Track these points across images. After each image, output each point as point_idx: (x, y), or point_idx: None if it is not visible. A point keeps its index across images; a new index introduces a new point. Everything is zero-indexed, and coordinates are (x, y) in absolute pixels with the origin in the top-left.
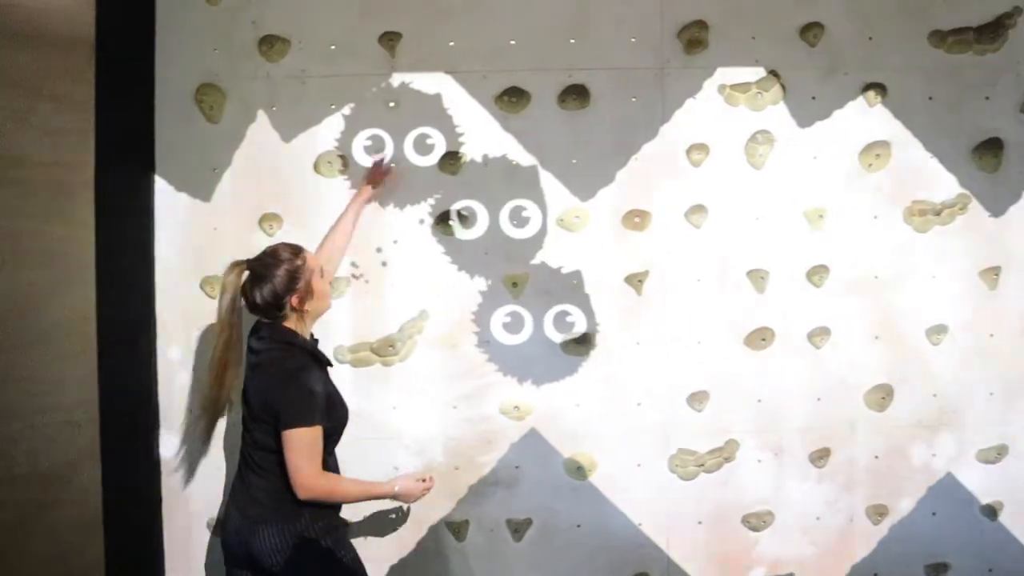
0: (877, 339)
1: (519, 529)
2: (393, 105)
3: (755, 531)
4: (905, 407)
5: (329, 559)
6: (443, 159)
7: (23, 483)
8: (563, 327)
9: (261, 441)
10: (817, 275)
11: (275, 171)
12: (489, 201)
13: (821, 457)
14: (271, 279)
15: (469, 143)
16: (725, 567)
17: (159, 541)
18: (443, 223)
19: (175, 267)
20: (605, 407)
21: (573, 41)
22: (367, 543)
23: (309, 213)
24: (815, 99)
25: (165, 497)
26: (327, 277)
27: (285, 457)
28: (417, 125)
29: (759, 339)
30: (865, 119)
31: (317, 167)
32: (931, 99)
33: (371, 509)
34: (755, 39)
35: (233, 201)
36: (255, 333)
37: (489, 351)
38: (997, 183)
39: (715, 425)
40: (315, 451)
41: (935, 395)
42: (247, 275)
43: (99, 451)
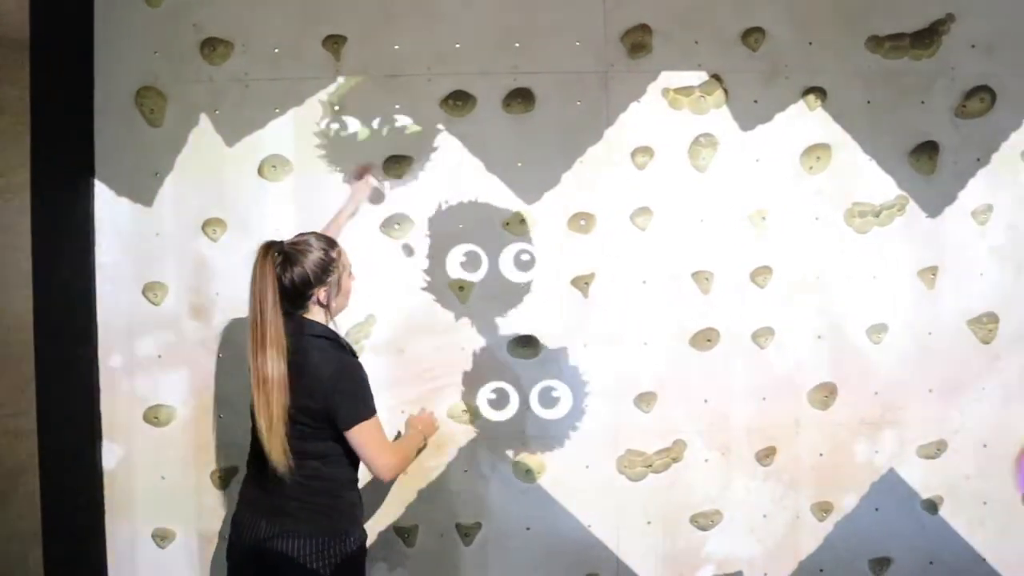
0: (820, 339)
1: (469, 533)
2: (338, 109)
3: (703, 530)
4: (848, 405)
5: (354, 571)
6: (389, 161)
7: None
8: (510, 330)
9: (302, 448)
10: (761, 276)
11: (219, 175)
12: (435, 205)
13: (767, 456)
14: (303, 264)
15: (414, 147)
16: (675, 567)
17: (102, 551)
18: (388, 225)
19: (116, 274)
20: (553, 409)
21: (518, 45)
22: None
23: (254, 218)
24: (757, 103)
25: (108, 507)
26: (352, 279)
27: (360, 453)
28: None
29: (705, 340)
30: (805, 122)
31: (262, 171)
32: (869, 103)
33: None
34: (698, 43)
35: (176, 206)
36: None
37: (438, 355)
38: (933, 185)
39: (662, 426)
40: (383, 436)
41: (877, 393)
42: (279, 258)
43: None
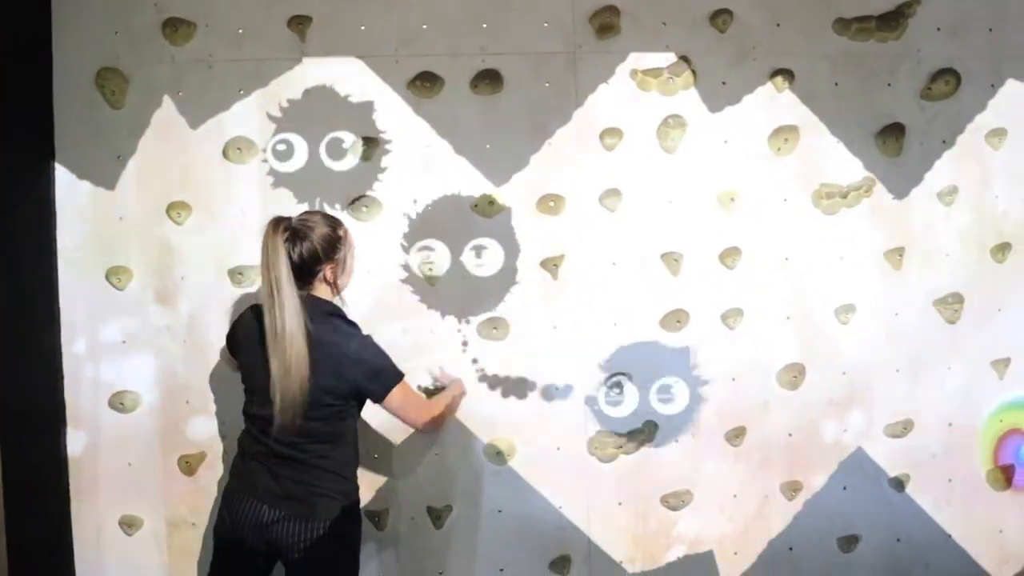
0: (788, 319)
1: (440, 516)
2: (303, 91)
3: (674, 511)
4: (816, 385)
5: (352, 555)
6: (355, 145)
7: None
8: (480, 313)
9: (309, 429)
10: (729, 257)
11: (182, 158)
12: (403, 187)
13: (737, 436)
14: (312, 240)
15: (382, 128)
16: (646, 547)
17: (69, 539)
18: (356, 208)
19: (79, 258)
20: (523, 391)
21: (485, 25)
22: None
23: (219, 200)
24: (725, 84)
25: (74, 494)
26: (354, 260)
27: (400, 416)
28: (328, 111)
29: (674, 321)
30: (774, 104)
31: (226, 153)
32: (836, 85)
33: None
34: (666, 25)
35: (139, 189)
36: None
37: (406, 338)
38: (899, 167)
39: (633, 407)
40: (416, 393)
41: (845, 373)
42: (287, 234)
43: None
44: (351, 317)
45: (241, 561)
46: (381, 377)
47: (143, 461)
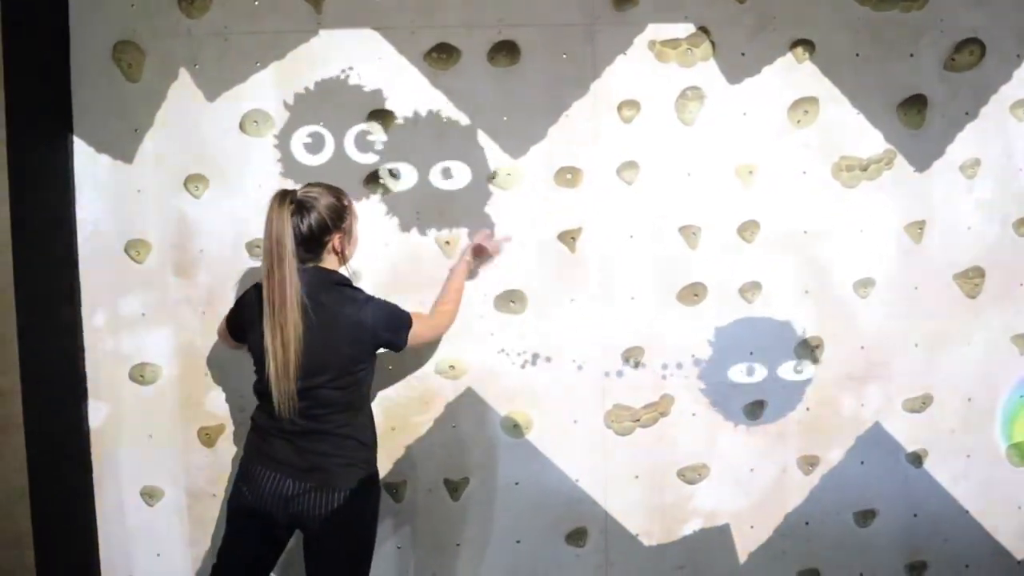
0: (807, 293)
1: (457, 488)
2: (320, 62)
3: (690, 484)
4: (834, 359)
5: (369, 524)
6: (371, 116)
7: None
8: (497, 285)
9: (330, 400)
10: (748, 230)
11: (199, 131)
12: (420, 160)
13: (754, 410)
14: (319, 210)
15: (398, 101)
16: (662, 520)
17: (91, 510)
18: (373, 182)
19: (98, 231)
20: (540, 364)
21: None
22: None
23: (235, 174)
24: (744, 55)
25: (95, 466)
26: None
27: (425, 342)
28: (344, 82)
29: (692, 294)
30: (793, 75)
31: (243, 126)
32: (858, 55)
33: None
34: None
35: (156, 162)
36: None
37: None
38: (921, 139)
39: (650, 380)
40: (425, 316)
41: (863, 347)
42: (293, 207)
43: (23, 421)
44: (364, 288)
45: (261, 534)
46: (397, 327)
47: (163, 433)
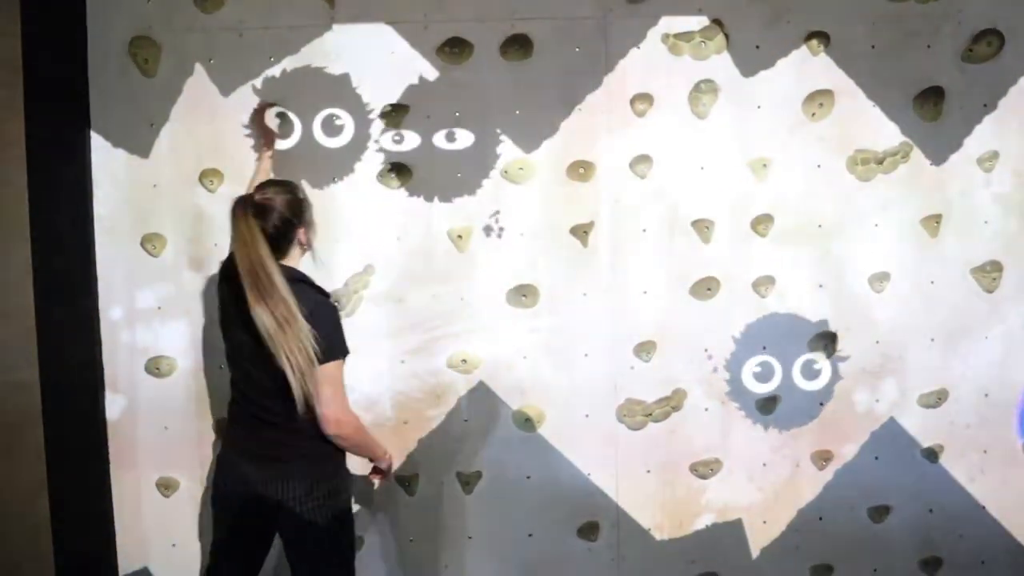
0: (821, 287)
1: (469, 482)
2: (333, 57)
3: (703, 479)
4: (849, 354)
5: (342, 513)
6: (385, 111)
7: None
8: (509, 280)
9: (282, 391)
10: (762, 224)
11: (214, 125)
12: (430, 152)
13: (767, 405)
14: (280, 208)
15: (411, 95)
16: (674, 515)
17: (108, 501)
18: (386, 177)
19: (115, 225)
20: (552, 358)
21: None
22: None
23: (250, 168)
24: (759, 48)
25: (112, 458)
26: None
27: (319, 391)
28: (357, 77)
29: (705, 288)
30: (808, 68)
31: None
32: (873, 47)
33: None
34: None
35: (172, 157)
36: None
37: (436, 305)
38: (938, 132)
39: (662, 374)
40: (344, 387)
41: (878, 342)
42: (253, 210)
43: (40, 413)
44: (378, 283)
45: (241, 525)
46: (326, 343)
47: (179, 425)
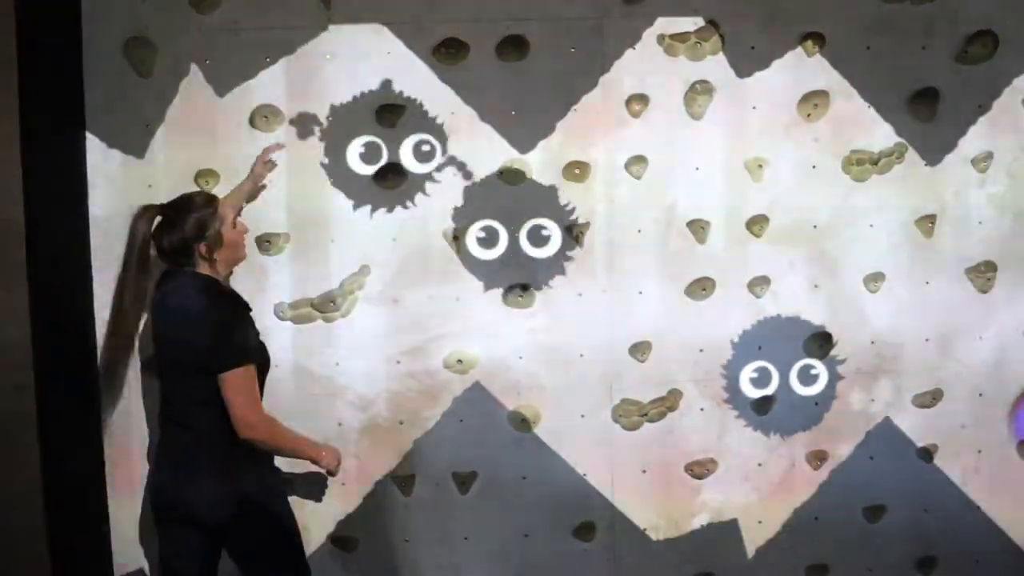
0: (816, 287)
1: (465, 482)
2: (329, 57)
3: (699, 479)
4: (844, 354)
5: (264, 513)
6: (381, 111)
7: None
8: (505, 280)
9: (189, 394)
10: (757, 225)
11: (210, 126)
12: (426, 152)
13: (762, 405)
14: (180, 225)
15: (407, 95)
16: (670, 515)
17: (104, 503)
18: (381, 178)
19: (111, 227)
20: (548, 359)
21: None
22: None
23: (246, 168)
24: (754, 49)
25: (108, 459)
26: (240, 229)
27: (225, 399)
28: (353, 77)
29: (700, 289)
30: (803, 69)
31: (253, 121)
32: (868, 48)
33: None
34: None
35: (168, 157)
36: (165, 283)
37: (432, 305)
38: (933, 132)
39: (658, 375)
40: (255, 390)
41: (873, 342)
42: (158, 220)
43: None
44: (373, 283)
45: (176, 532)
46: (224, 351)
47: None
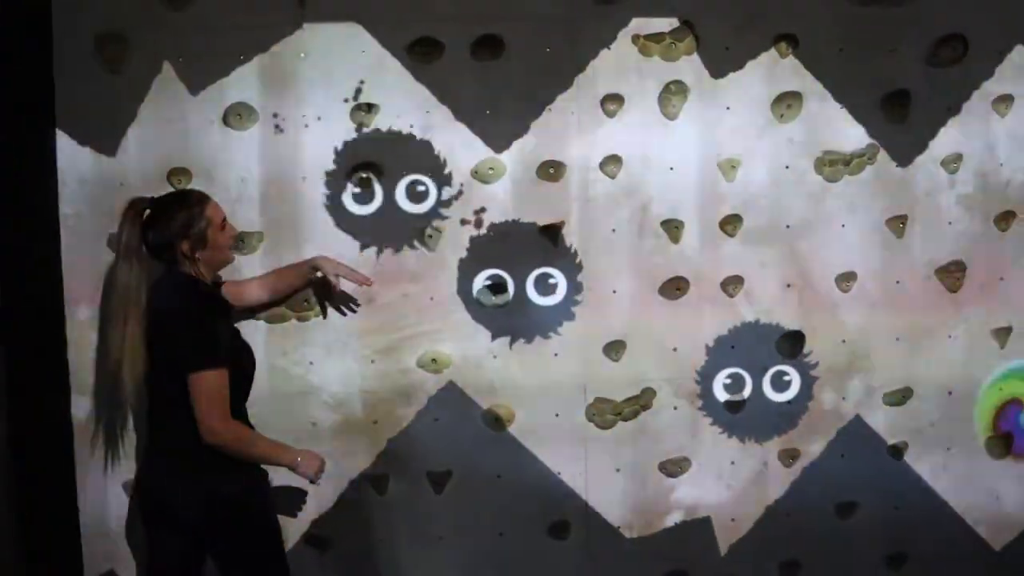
0: (789, 287)
1: (439, 481)
2: (303, 56)
3: (672, 477)
4: (816, 353)
5: (243, 516)
6: (355, 111)
7: None
8: (480, 279)
9: (167, 393)
10: (730, 225)
11: (183, 124)
12: (402, 155)
13: (735, 404)
14: (166, 221)
15: (381, 95)
16: (644, 513)
17: (74, 504)
18: (355, 175)
19: (81, 225)
20: (522, 358)
21: None
22: (288, 498)
23: (219, 167)
24: (728, 50)
25: (78, 460)
26: (228, 232)
27: (192, 402)
28: (327, 76)
29: (674, 288)
30: (777, 70)
31: (227, 119)
32: (841, 51)
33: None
34: None
35: (140, 155)
36: (157, 283)
37: (406, 304)
38: (904, 134)
39: (631, 374)
40: (223, 395)
41: (844, 341)
42: (147, 214)
43: (6, 414)
44: (347, 282)
45: (159, 534)
46: (193, 352)
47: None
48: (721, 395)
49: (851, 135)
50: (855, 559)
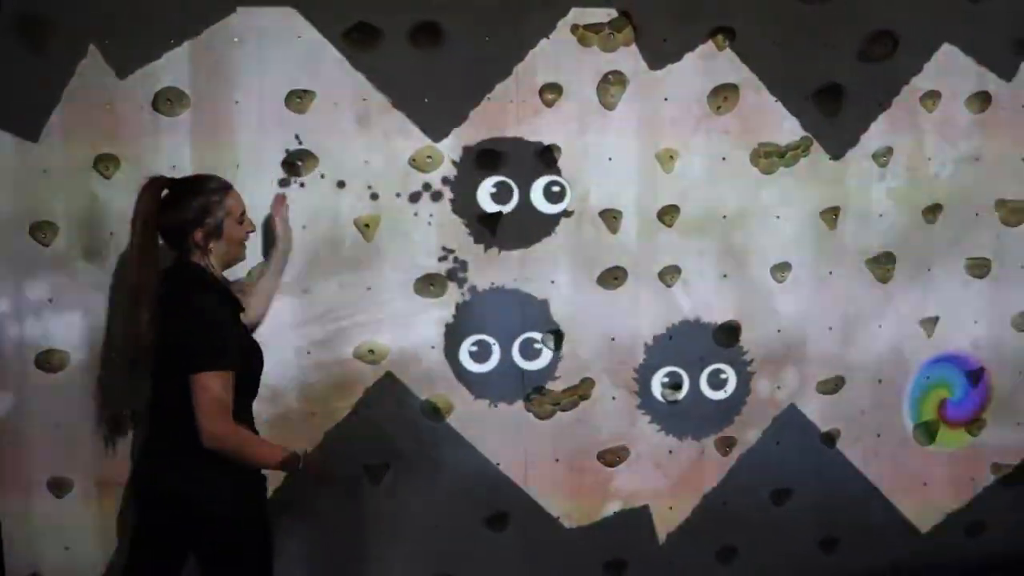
0: (725, 277)
1: (377, 473)
2: (237, 40)
3: (611, 466)
4: (752, 342)
5: (236, 518)
6: (290, 96)
7: None
8: (417, 270)
9: (160, 388)
10: (668, 215)
11: (110, 109)
12: (339, 140)
13: (673, 393)
14: (183, 205)
15: (317, 81)
16: (582, 503)
17: None
18: (291, 164)
19: (1, 214)
20: (460, 348)
21: None
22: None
23: (148, 153)
24: (666, 41)
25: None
26: (246, 227)
27: (193, 402)
28: (262, 62)
29: (612, 278)
30: (714, 62)
31: (156, 105)
32: (776, 44)
33: None
34: None
35: (65, 141)
36: (166, 273)
37: (342, 294)
38: (837, 127)
39: (570, 364)
40: (226, 398)
41: (779, 331)
42: (164, 194)
43: None
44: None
45: (145, 530)
46: (198, 351)
47: (72, 422)
48: (659, 394)
49: (786, 128)
50: (789, 544)
